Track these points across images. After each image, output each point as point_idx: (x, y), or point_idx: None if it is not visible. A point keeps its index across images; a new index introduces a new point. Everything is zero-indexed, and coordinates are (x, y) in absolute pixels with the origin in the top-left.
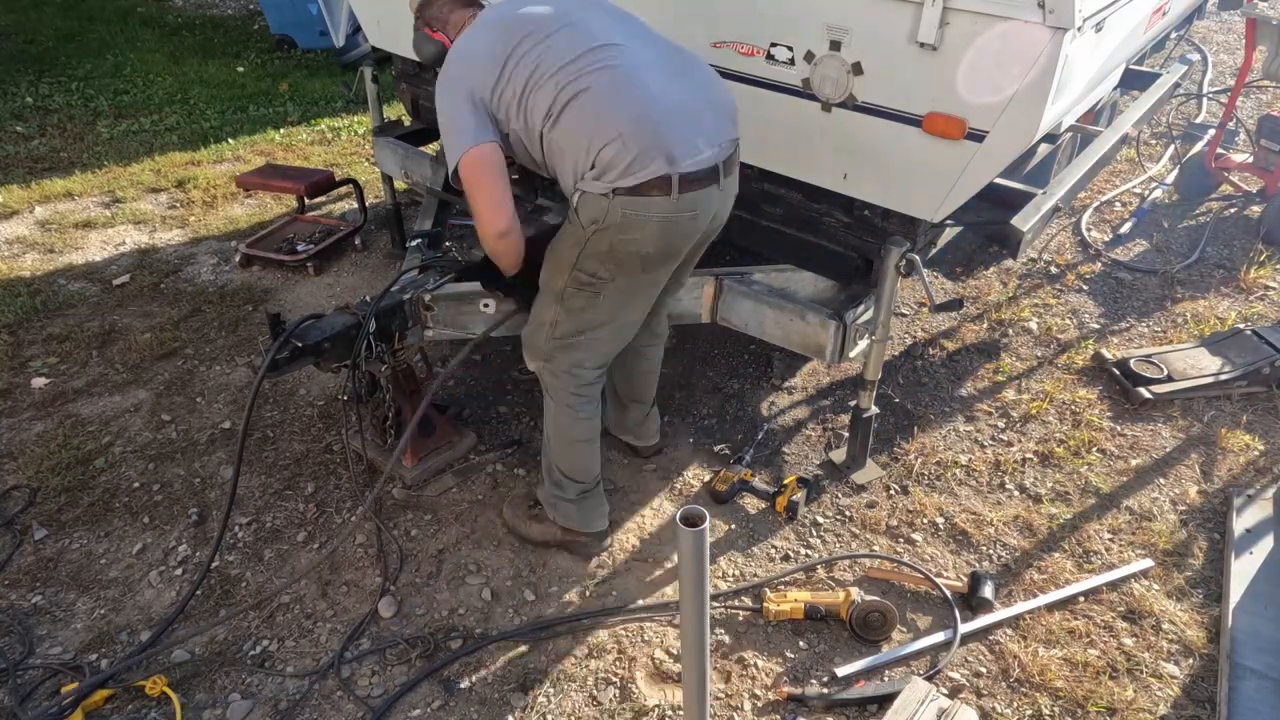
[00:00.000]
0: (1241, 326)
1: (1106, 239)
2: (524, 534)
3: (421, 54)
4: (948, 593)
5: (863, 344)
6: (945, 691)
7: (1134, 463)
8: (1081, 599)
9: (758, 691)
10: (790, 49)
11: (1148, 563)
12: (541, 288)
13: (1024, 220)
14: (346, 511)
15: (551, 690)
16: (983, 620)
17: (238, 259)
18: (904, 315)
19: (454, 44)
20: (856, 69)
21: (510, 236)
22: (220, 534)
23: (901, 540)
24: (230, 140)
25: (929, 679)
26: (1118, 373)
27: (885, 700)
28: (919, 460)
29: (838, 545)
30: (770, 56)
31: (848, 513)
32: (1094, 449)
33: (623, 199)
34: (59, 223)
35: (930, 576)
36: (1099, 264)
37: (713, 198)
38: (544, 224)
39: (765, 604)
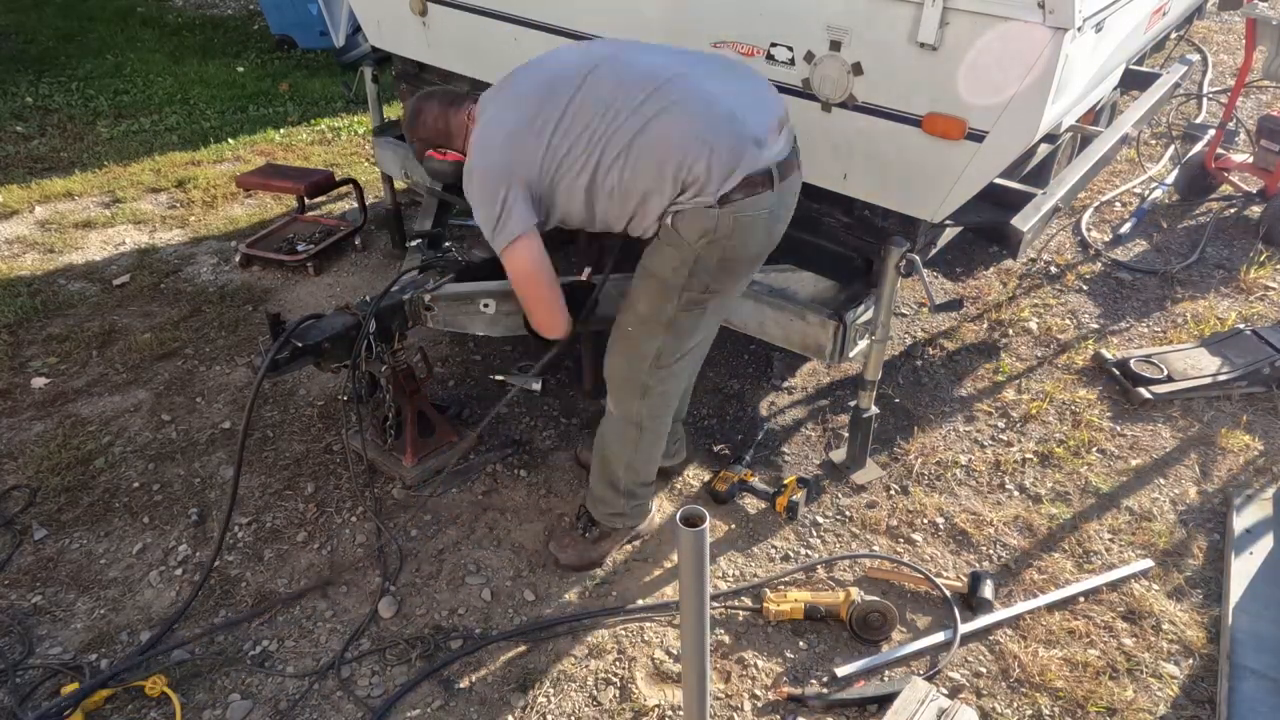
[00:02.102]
0: (1241, 326)
1: (1106, 239)
2: (595, 559)
3: (439, 177)
4: (947, 593)
5: (863, 344)
6: (945, 691)
7: (1134, 463)
8: (1081, 599)
9: (758, 691)
10: (790, 49)
11: (1148, 563)
12: (639, 322)
13: (1024, 220)
14: (346, 512)
15: (551, 690)
16: (983, 620)
17: (238, 259)
18: (904, 315)
19: (480, 128)
20: (856, 69)
21: (564, 329)
22: (222, 534)
23: (901, 540)
24: (230, 140)
25: (929, 679)
26: (1118, 373)
27: (885, 700)
28: (919, 460)
29: (838, 545)
30: (770, 56)
31: (848, 513)
32: (1094, 449)
33: (733, 205)
34: (59, 223)
35: (930, 576)
36: (1099, 264)
37: (798, 182)
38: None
39: (765, 604)
